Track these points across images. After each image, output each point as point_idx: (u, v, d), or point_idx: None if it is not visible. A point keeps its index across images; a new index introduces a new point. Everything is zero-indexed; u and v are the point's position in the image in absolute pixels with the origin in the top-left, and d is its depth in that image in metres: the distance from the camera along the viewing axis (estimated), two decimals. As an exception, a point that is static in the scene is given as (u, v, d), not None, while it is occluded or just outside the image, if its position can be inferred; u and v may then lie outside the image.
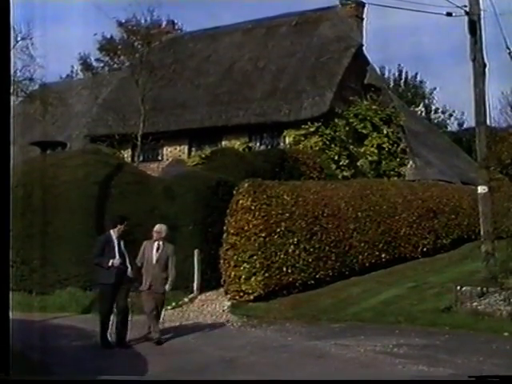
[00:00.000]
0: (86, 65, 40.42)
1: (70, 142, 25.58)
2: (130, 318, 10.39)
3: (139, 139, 21.36)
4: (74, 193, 15.51)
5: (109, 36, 35.31)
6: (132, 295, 10.76)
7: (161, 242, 10.76)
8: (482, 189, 14.52)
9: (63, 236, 15.21)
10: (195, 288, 14.62)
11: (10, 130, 5.36)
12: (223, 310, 13.55)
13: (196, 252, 14.54)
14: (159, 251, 10.67)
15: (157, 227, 11.00)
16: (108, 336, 10.15)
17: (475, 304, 12.20)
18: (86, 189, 15.62)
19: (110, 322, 10.21)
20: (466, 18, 14.46)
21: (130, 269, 10.27)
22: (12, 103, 15.74)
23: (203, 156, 20.44)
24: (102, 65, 39.38)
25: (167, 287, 10.70)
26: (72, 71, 40.04)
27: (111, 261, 10.10)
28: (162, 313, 11.02)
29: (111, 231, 10.51)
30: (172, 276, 10.69)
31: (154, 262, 10.58)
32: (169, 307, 13.90)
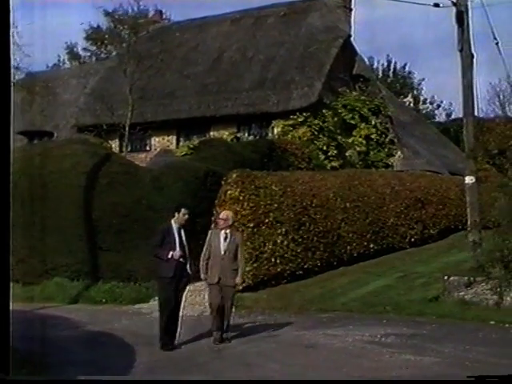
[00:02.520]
0: (72, 54, 40.21)
1: (57, 131, 25.50)
2: (180, 315, 9.62)
3: (127, 129, 21.24)
4: (62, 183, 15.47)
5: (96, 25, 35.15)
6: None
7: (228, 231, 9.83)
8: (469, 179, 14.62)
9: (50, 226, 15.17)
10: (184, 278, 14.59)
11: (10, 131, 5.30)
12: (211, 300, 13.56)
13: (184, 242, 14.52)
14: (227, 241, 9.74)
15: (223, 214, 10.18)
16: (177, 336, 9.43)
17: (462, 293, 12.30)
18: (74, 179, 15.59)
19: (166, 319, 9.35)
20: (454, 9, 14.52)
21: (189, 263, 9.47)
22: None
23: (191, 146, 20.40)
24: (89, 54, 39.25)
25: (238, 280, 9.83)
26: (59, 60, 39.85)
27: (171, 253, 9.27)
28: (233, 309, 10.07)
29: (172, 221, 9.61)
30: (242, 267, 9.91)
31: (222, 252, 9.68)
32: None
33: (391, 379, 5.05)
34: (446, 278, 12.87)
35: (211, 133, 22.63)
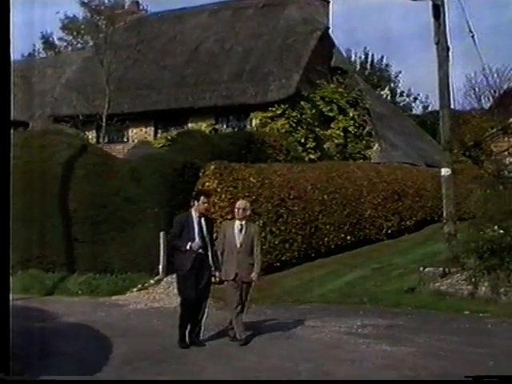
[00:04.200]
0: (48, 44, 39.77)
1: (32, 121, 25.20)
2: (206, 314, 8.90)
3: (104, 120, 21.15)
4: (37, 174, 15.34)
5: (72, 15, 34.82)
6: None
7: (243, 222, 9.03)
8: (445, 171, 14.74)
9: (26, 217, 15.04)
10: (161, 270, 14.57)
11: (10, 129, 5.24)
12: (189, 292, 13.57)
13: (162, 234, 14.46)
14: (242, 232, 8.96)
15: (240, 203, 9.34)
16: (200, 333, 8.87)
17: (438, 284, 12.44)
18: (50, 170, 15.50)
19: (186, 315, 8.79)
20: (430, 3, 14.60)
21: (210, 255, 8.78)
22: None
23: (169, 138, 20.31)
24: (65, 44, 38.85)
25: (254, 276, 9.01)
26: (34, 50, 39.31)
27: (189, 243, 8.62)
28: (246, 305, 9.22)
29: (192, 210, 8.92)
30: (258, 261, 9.08)
31: (238, 245, 8.92)
32: (134, 289, 13.91)
33: (391, 379, 5.03)
34: (421, 269, 13.00)
35: (189, 124, 22.56)
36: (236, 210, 9.15)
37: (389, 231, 18.40)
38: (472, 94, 35.93)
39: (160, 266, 14.59)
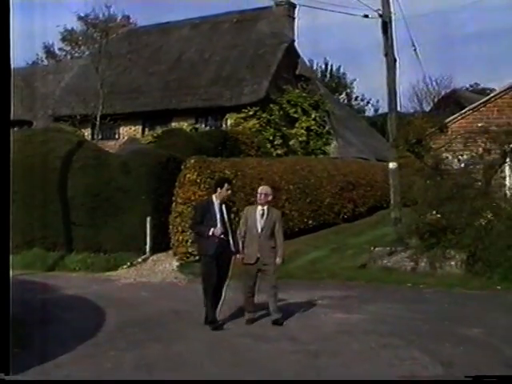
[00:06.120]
0: (50, 53, 39.18)
1: (35, 120, 24.88)
2: (224, 295, 8.13)
3: (98, 119, 20.97)
4: (40, 166, 15.19)
5: (70, 28, 34.35)
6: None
7: (265, 207, 8.21)
8: (392, 165, 14.90)
9: (30, 204, 14.90)
10: (148, 250, 14.55)
11: (9, 128, 5.16)
12: (172, 269, 13.54)
13: (148, 219, 14.44)
14: (264, 217, 8.16)
15: (262, 188, 8.38)
16: (217, 313, 8.08)
17: (385, 261, 12.54)
18: (50, 162, 15.35)
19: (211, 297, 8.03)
20: (380, 20, 14.71)
21: (231, 240, 8.05)
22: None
23: (155, 135, 20.19)
24: (64, 53, 38.32)
25: (278, 260, 8.17)
26: (37, 58, 38.70)
27: (212, 229, 7.90)
28: (278, 289, 8.33)
29: (213, 196, 8.21)
30: (281, 245, 8.20)
31: (260, 230, 8.11)
32: (124, 266, 13.86)
33: (391, 379, 5.08)
34: (372, 248, 13.11)
35: (173, 124, 22.42)
36: (258, 195, 8.31)
37: (345, 216, 18.46)
38: (415, 99, 36.29)
39: (147, 247, 14.56)
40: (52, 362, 6.41)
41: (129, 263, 13.94)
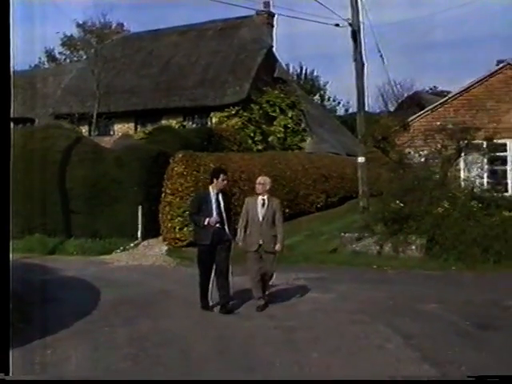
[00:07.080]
0: (50, 57, 38.64)
1: (37, 118, 24.55)
2: (231, 281, 7.82)
3: (95, 117, 20.82)
4: (41, 159, 15.03)
5: (69, 34, 33.91)
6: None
7: (265, 197, 7.83)
8: (361, 159, 14.99)
9: (31, 193, 14.74)
10: (139, 236, 14.46)
11: (9, 129, 5.07)
12: (161, 254, 13.45)
13: (140, 208, 14.35)
14: (264, 207, 7.77)
15: (260, 179, 8.03)
16: (209, 299, 7.77)
17: (354, 246, 12.61)
18: (50, 156, 15.20)
19: (210, 285, 7.77)
20: (350, 29, 14.73)
21: (227, 229, 7.70)
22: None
23: (147, 132, 20.00)
24: (64, 57, 37.83)
25: (278, 247, 7.77)
26: (40, 62, 38.14)
27: (207, 219, 7.56)
28: (274, 276, 8.09)
29: (210, 187, 7.83)
30: (280, 234, 7.79)
31: (261, 218, 7.73)
32: (118, 250, 13.76)
33: (391, 379, 5.11)
34: (342, 234, 13.17)
35: (162, 121, 22.24)
36: (256, 185, 7.94)
37: (318, 206, 18.51)
38: (381, 100, 36.44)
39: (139, 233, 14.47)
40: (52, 336, 6.37)
41: (122, 248, 13.85)
